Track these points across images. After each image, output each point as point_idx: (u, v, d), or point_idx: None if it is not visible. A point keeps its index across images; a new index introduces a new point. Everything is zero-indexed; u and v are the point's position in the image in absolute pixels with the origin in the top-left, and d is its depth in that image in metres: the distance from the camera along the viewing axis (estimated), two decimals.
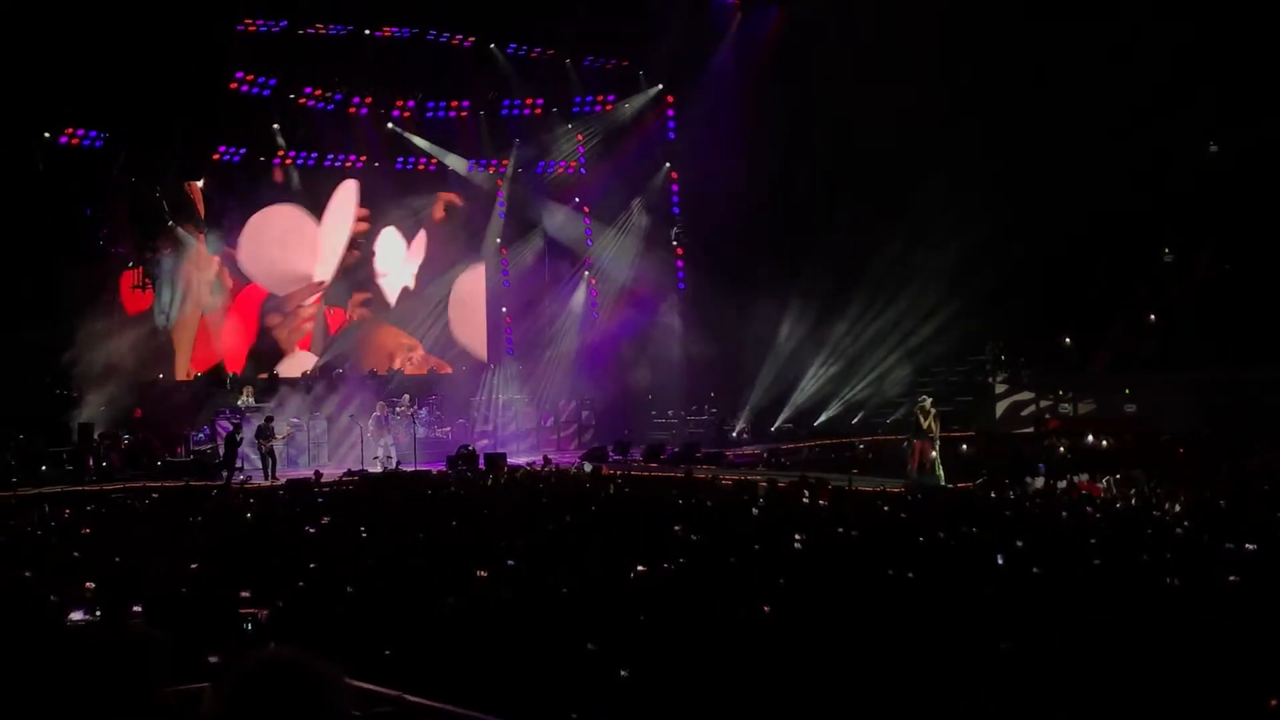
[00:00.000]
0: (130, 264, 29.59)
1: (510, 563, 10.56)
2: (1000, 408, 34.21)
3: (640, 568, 10.22)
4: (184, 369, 31.13)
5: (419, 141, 33.93)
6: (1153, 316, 32.51)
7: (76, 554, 11.84)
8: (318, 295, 33.66)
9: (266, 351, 32.93)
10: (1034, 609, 8.19)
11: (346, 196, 33.82)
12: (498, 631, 7.52)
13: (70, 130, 28.13)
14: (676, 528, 12.82)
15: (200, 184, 30.99)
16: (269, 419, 27.31)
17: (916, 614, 7.98)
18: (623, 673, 6.59)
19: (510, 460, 27.46)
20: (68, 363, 27.13)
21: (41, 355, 26.66)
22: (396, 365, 34.19)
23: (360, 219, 34.20)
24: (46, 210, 27.58)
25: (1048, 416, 32.83)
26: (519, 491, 19.31)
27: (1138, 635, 7.31)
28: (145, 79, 26.54)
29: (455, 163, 34.63)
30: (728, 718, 6.08)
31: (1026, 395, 34.26)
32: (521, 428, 33.45)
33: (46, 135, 27.79)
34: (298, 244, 33.27)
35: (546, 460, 26.33)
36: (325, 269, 33.79)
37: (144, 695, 4.03)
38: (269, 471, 26.23)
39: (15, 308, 25.96)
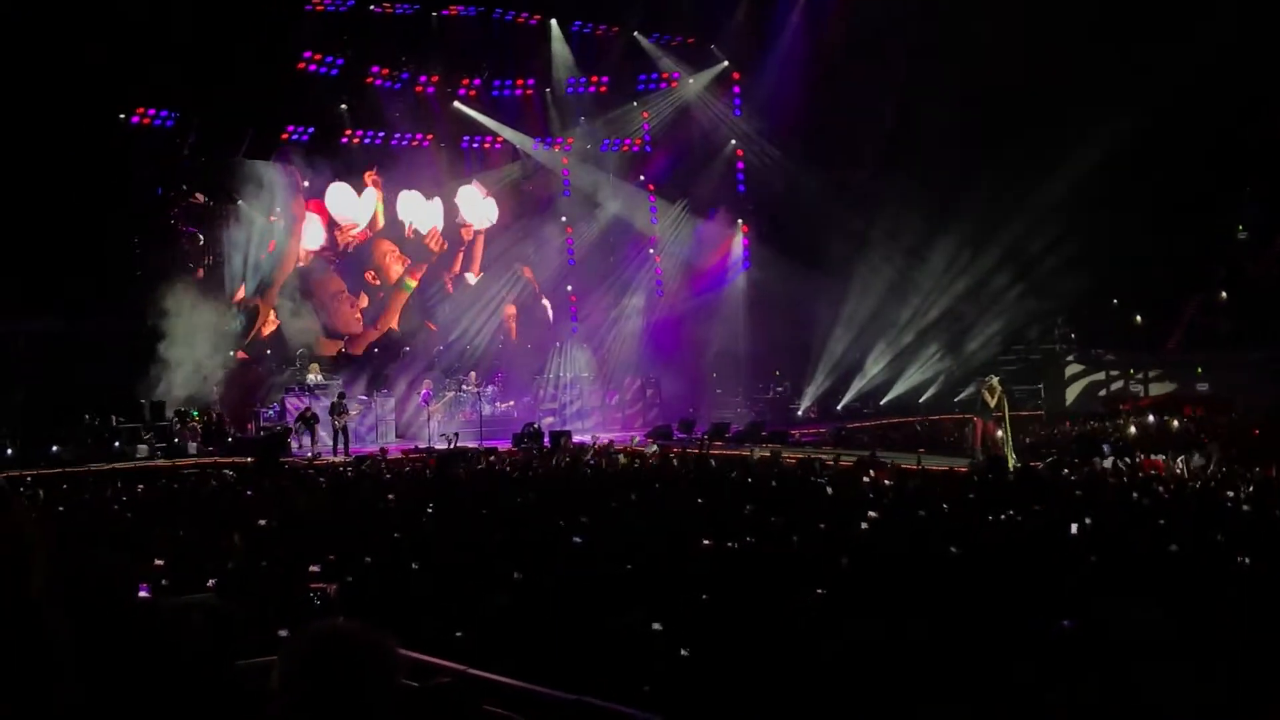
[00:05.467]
0: (201, 242, 29.93)
1: (576, 540, 10.61)
2: (1070, 387, 33.81)
3: (706, 542, 10.23)
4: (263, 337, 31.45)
5: (485, 120, 34.01)
6: (1224, 294, 31.97)
7: (149, 530, 12.01)
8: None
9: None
10: (1102, 587, 8.10)
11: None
12: (561, 608, 7.55)
13: (141, 110, 28.46)
14: (748, 508, 12.80)
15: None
16: (341, 395, 27.56)
17: (983, 593, 7.92)
18: (683, 651, 6.61)
19: (575, 438, 27.47)
20: (140, 341, 27.48)
21: (115, 334, 27.04)
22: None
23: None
24: (119, 190, 27.95)
25: (1104, 393, 32.36)
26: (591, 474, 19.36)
27: (1208, 613, 7.21)
28: (215, 59, 26.79)
29: (521, 141, 34.70)
30: (788, 697, 6.07)
31: (1098, 374, 33.83)
32: (586, 405, 33.56)
33: (121, 116, 28.15)
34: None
35: (610, 443, 26.22)
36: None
37: (221, 669, 4.11)
38: (342, 448, 26.46)
39: (88, 287, 26.33)
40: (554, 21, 33.00)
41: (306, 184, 31.74)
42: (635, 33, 33.63)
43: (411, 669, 4.97)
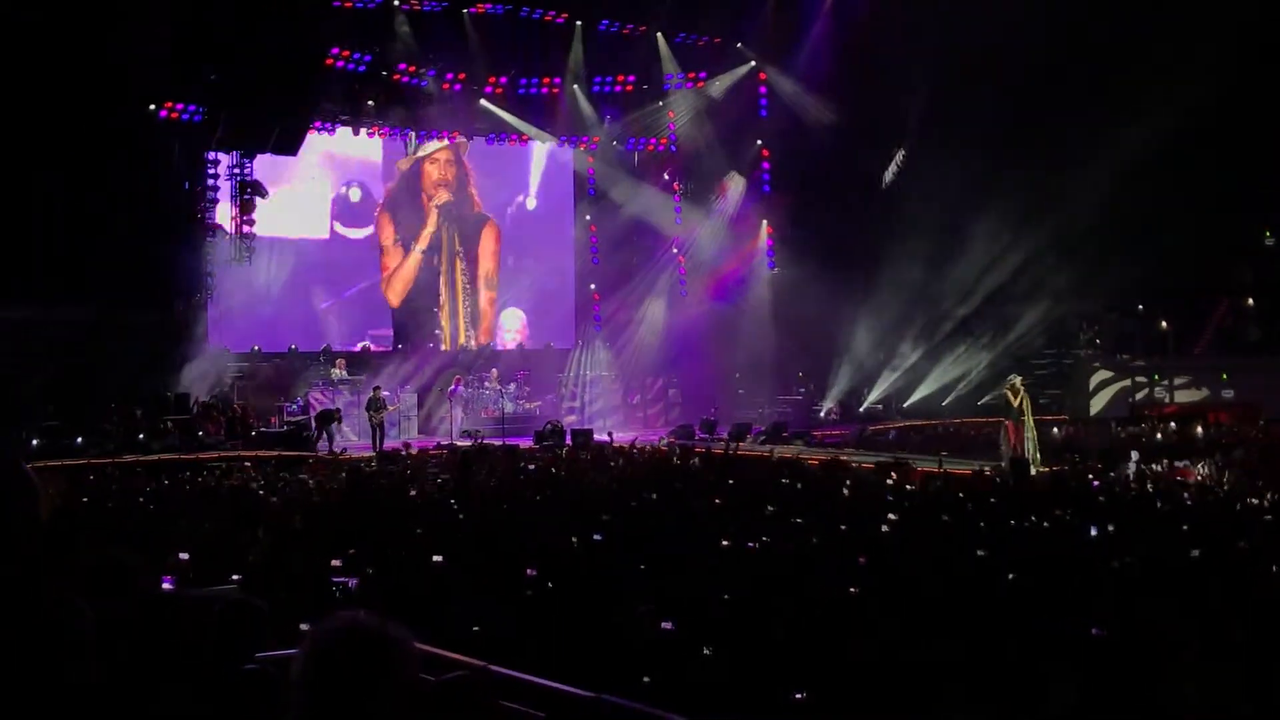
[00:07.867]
0: (229, 236, 30.03)
1: (597, 537, 10.61)
2: (1095, 392, 33.62)
3: (725, 543, 10.23)
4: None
5: (511, 118, 33.99)
6: (1252, 300, 31.77)
7: (174, 523, 12.07)
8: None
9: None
10: (1128, 594, 8.07)
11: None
12: (580, 605, 7.57)
13: (170, 104, 28.57)
14: (772, 508, 12.79)
15: None
16: (377, 389, 27.55)
17: (1006, 598, 7.90)
18: (706, 650, 6.60)
19: (596, 437, 27.47)
20: (167, 332, 27.61)
21: (141, 327, 27.16)
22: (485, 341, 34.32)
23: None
24: (147, 184, 28.07)
25: (1134, 399, 32.16)
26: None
27: (1235, 621, 7.17)
28: (243, 53, 26.86)
29: (546, 139, 34.70)
30: (808, 695, 6.06)
31: (1124, 380, 33.62)
32: (608, 404, 33.53)
33: (150, 108, 28.26)
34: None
35: (633, 445, 26.14)
36: None
37: (243, 662, 4.13)
38: (377, 443, 26.41)
39: (116, 280, 26.45)
40: (579, 24, 32.99)
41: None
42: (659, 34, 33.57)
43: (430, 664, 4.98)
